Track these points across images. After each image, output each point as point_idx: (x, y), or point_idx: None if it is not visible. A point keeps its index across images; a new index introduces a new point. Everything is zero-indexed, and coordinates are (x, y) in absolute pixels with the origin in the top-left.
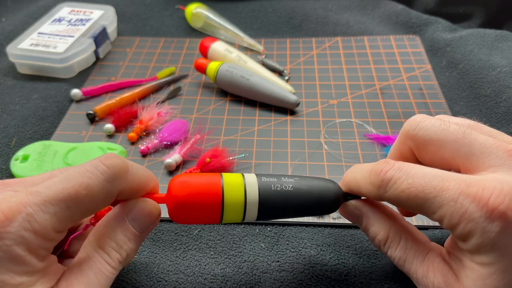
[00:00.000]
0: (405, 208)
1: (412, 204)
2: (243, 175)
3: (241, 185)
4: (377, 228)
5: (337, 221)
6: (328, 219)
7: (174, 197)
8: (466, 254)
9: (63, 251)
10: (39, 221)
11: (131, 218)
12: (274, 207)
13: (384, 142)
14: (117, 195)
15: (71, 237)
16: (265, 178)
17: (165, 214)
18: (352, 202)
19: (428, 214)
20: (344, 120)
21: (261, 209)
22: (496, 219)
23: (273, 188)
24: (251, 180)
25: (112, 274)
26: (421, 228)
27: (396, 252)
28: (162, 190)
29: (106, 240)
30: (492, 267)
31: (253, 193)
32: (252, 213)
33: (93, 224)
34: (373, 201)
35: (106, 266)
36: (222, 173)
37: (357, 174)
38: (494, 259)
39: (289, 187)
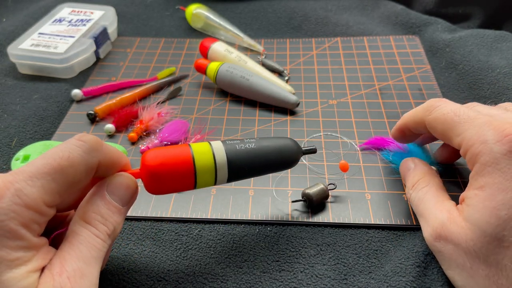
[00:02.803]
0: (436, 131)
1: (444, 127)
2: (209, 143)
3: (209, 150)
4: (417, 172)
5: (336, 220)
6: (328, 219)
7: (148, 167)
8: (471, 185)
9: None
10: (28, 194)
11: (110, 192)
12: (242, 165)
13: (379, 147)
14: (96, 168)
15: (55, 232)
16: (229, 142)
17: (165, 214)
18: (410, 158)
19: (453, 137)
20: (329, 133)
21: (230, 169)
22: (506, 143)
23: (238, 148)
24: (218, 145)
25: (102, 246)
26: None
27: (419, 193)
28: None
29: (91, 214)
30: (493, 187)
31: (221, 156)
32: (223, 174)
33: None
34: (422, 161)
35: (95, 239)
36: (190, 143)
37: (413, 110)
38: (495, 179)
39: (251, 145)
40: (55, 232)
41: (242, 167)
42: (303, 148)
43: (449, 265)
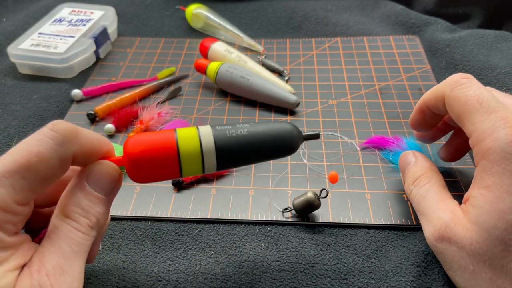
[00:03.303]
0: (453, 110)
1: (462, 110)
2: (197, 127)
3: (195, 136)
4: (418, 168)
5: (336, 220)
6: (328, 219)
7: (129, 154)
8: (476, 182)
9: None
10: None
11: (91, 182)
12: (232, 153)
13: (380, 147)
14: (73, 159)
15: (43, 230)
16: (219, 127)
17: (165, 213)
18: (410, 152)
19: (467, 123)
20: (329, 133)
21: (219, 157)
22: None
23: (228, 135)
24: (206, 131)
25: (84, 240)
26: (421, 228)
27: (420, 190)
28: (163, 193)
29: (70, 207)
30: (501, 189)
31: (209, 142)
32: (211, 162)
33: None
34: (423, 155)
35: (76, 233)
36: (176, 128)
37: (434, 86)
38: (504, 180)
39: (244, 131)
40: (44, 230)
41: (232, 154)
42: (304, 134)
43: (450, 266)
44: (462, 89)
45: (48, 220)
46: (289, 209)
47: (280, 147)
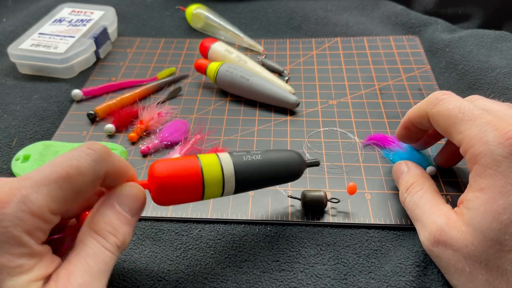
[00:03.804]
0: (439, 125)
1: (447, 122)
2: (217, 154)
3: (217, 162)
4: (410, 176)
5: (336, 220)
6: (328, 219)
7: (156, 179)
8: (470, 187)
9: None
10: (34, 201)
11: (120, 202)
12: (249, 177)
13: (381, 145)
14: (104, 177)
15: (65, 245)
16: (236, 153)
17: (165, 214)
18: (403, 162)
19: (454, 134)
20: (327, 129)
21: (237, 181)
22: (507, 146)
23: (244, 159)
24: (225, 157)
25: (110, 259)
26: None
27: (414, 197)
28: None
29: (101, 224)
30: (494, 191)
31: (229, 167)
32: (231, 186)
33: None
34: (414, 164)
35: (104, 251)
36: (198, 155)
37: (417, 104)
38: (496, 182)
39: (258, 157)
40: (65, 245)
41: (249, 180)
42: (307, 161)
43: (447, 270)
44: (444, 103)
45: (55, 229)
46: (299, 197)
47: (289, 172)
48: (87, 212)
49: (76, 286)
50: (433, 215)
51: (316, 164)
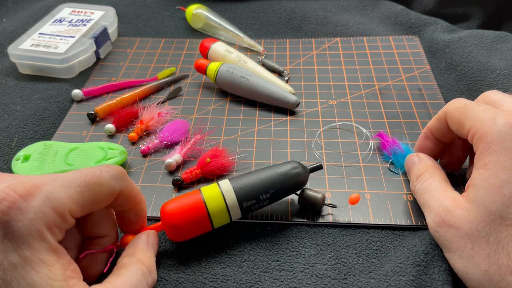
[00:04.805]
0: (454, 120)
1: (462, 112)
2: (218, 184)
3: (218, 194)
4: (421, 166)
5: (336, 220)
6: (328, 219)
7: (168, 222)
8: (475, 166)
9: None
10: (58, 198)
11: (150, 241)
12: (252, 202)
13: (385, 147)
14: (118, 195)
15: (87, 252)
16: (236, 179)
17: None
18: (414, 153)
19: (466, 121)
20: (341, 122)
21: (242, 207)
22: None
23: (253, 209)
24: (226, 186)
25: (141, 281)
26: (421, 228)
27: (423, 184)
28: (164, 190)
29: (140, 254)
30: (497, 166)
31: (231, 196)
32: (236, 213)
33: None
34: (425, 155)
35: (139, 273)
36: (201, 188)
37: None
38: (500, 157)
39: (266, 202)
40: (86, 251)
41: (253, 204)
42: (309, 167)
43: (449, 247)
44: (461, 100)
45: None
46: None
47: (292, 184)
48: (129, 237)
49: None
50: (440, 198)
51: (319, 168)
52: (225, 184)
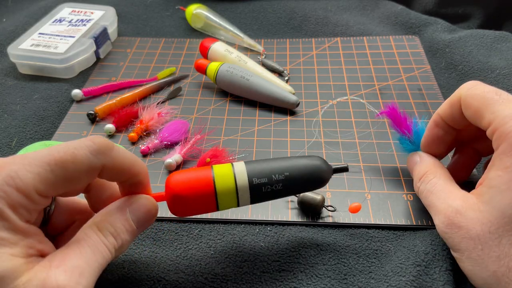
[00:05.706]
0: (469, 108)
1: (481, 103)
2: (232, 164)
3: (230, 174)
4: (423, 165)
5: (336, 220)
6: (328, 219)
7: (172, 191)
8: (494, 166)
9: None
10: (22, 178)
11: (132, 210)
12: (265, 196)
13: (396, 127)
14: (102, 170)
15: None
16: (256, 180)
17: (165, 214)
18: (416, 152)
19: (485, 114)
20: (349, 99)
21: (253, 193)
22: None
23: (263, 190)
24: (240, 168)
25: (107, 256)
26: (421, 228)
27: (427, 185)
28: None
29: (106, 224)
30: None
31: (243, 180)
32: (246, 198)
33: None
34: (427, 154)
35: (102, 246)
36: (213, 165)
37: (449, 97)
38: None
39: (279, 186)
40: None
41: (266, 197)
42: (333, 167)
43: (458, 248)
44: (480, 86)
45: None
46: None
47: (311, 182)
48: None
49: (69, 267)
50: (448, 199)
51: (344, 169)
52: (239, 166)
